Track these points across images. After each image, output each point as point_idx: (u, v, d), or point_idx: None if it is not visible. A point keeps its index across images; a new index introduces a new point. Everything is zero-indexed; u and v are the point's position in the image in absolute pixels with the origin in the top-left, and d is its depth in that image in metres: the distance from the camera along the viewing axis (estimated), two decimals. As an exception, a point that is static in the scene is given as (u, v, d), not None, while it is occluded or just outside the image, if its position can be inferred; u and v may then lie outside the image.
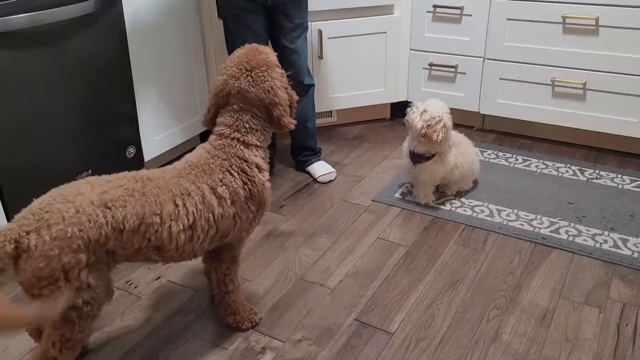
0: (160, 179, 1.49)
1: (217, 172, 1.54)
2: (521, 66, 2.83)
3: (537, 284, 1.96)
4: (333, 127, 3.21)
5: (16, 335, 1.77)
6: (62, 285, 1.32)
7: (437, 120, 2.23)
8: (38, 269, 1.30)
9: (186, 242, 1.49)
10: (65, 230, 1.31)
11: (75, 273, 1.33)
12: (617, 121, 2.71)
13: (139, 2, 2.40)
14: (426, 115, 2.25)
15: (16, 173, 2.05)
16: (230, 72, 1.60)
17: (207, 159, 1.56)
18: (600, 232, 2.20)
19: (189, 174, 1.53)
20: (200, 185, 1.51)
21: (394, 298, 1.91)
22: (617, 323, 1.78)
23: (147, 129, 2.56)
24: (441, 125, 2.22)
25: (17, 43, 1.95)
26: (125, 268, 2.07)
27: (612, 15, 2.56)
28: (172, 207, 1.46)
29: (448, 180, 2.43)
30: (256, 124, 1.60)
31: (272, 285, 1.98)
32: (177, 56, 2.65)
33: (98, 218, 1.35)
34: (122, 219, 1.38)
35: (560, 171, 2.66)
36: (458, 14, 2.89)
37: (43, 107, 2.09)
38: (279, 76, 1.65)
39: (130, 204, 1.40)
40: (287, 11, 2.34)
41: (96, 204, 1.36)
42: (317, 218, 2.37)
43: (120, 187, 1.42)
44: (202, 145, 1.62)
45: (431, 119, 2.23)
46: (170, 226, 1.45)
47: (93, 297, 1.38)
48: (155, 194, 1.44)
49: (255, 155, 1.60)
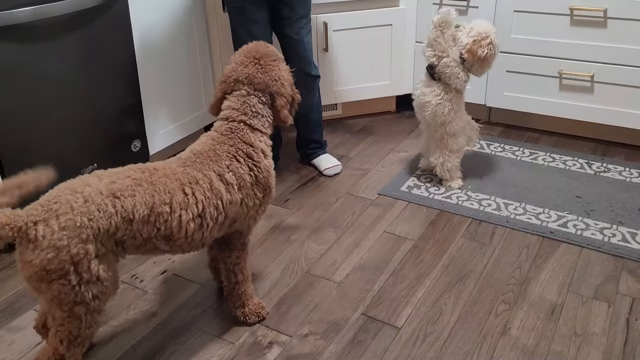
0: (167, 168, 1.49)
1: (223, 158, 1.55)
2: (528, 58, 2.81)
3: (545, 278, 1.94)
4: (338, 119, 3.20)
5: (21, 330, 1.77)
6: (72, 278, 1.31)
7: (485, 36, 2.21)
8: (47, 260, 1.28)
9: (195, 231, 1.49)
10: (74, 220, 1.30)
11: (85, 265, 1.32)
12: (625, 114, 2.68)
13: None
14: (473, 31, 2.22)
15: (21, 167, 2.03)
16: (239, 60, 1.63)
17: (213, 145, 1.56)
18: (609, 226, 2.18)
19: (195, 162, 1.53)
20: (207, 172, 1.51)
21: (401, 292, 1.90)
22: (627, 317, 1.77)
23: (152, 123, 2.55)
24: (487, 42, 2.20)
25: (23, 36, 1.94)
26: (131, 262, 2.07)
27: (620, 7, 2.53)
28: (182, 196, 1.45)
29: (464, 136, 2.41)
30: (262, 109, 1.62)
31: (278, 279, 1.97)
32: (182, 50, 2.63)
33: (107, 207, 1.34)
34: (131, 209, 1.37)
35: (568, 164, 2.64)
36: (465, 5, 2.87)
37: (48, 101, 2.08)
38: (286, 70, 1.68)
39: (139, 193, 1.39)
40: (290, 2, 2.33)
41: (105, 194, 1.35)
42: (323, 212, 2.36)
43: (128, 177, 1.42)
44: (207, 134, 1.62)
45: (478, 35, 2.21)
46: (180, 215, 1.45)
47: (101, 290, 1.37)
48: (164, 183, 1.44)
49: (260, 141, 1.61)
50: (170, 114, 2.66)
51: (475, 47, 2.19)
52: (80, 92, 2.19)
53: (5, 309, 1.86)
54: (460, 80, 2.28)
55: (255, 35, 2.28)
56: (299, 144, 2.73)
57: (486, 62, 2.24)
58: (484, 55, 2.20)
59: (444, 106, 2.29)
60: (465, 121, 2.40)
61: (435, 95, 2.29)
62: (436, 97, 2.29)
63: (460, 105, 2.36)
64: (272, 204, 2.41)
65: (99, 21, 2.19)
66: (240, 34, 2.36)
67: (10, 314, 1.84)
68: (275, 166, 1.67)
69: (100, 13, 2.19)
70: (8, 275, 2.02)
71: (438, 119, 2.32)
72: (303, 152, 2.73)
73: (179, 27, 2.59)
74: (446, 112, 2.29)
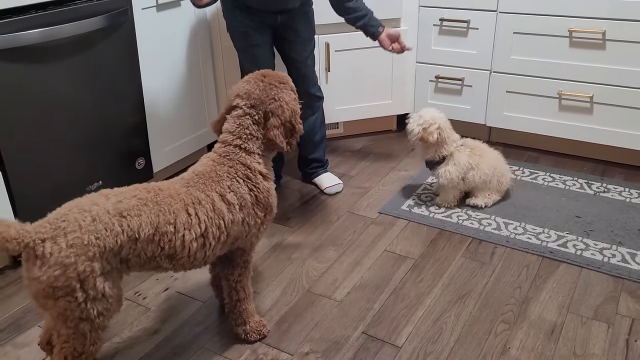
0: (171, 188, 1.51)
1: (225, 179, 1.58)
2: (528, 79, 2.84)
3: (545, 298, 1.95)
4: (339, 138, 3.23)
5: (26, 346, 1.78)
6: (78, 295, 1.33)
7: (431, 123, 2.38)
8: (54, 277, 1.30)
9: (198, 250, 1.52)
10: (81, 238, 1.32)
11: (92, 282, 1.34)
12: (624, 134, 2.71)
13: (150, 17, 2.43)
14: (420, 119, 2.41)
15: (28, 185, 2.06)
16: (245, 79, 1.67)
17: (214, 167, 1.59)
18: (609, 246, 2.20)
19: (198, 182, 1.56)
20: (209, 193, 1.54)
21: (401, 311, 1.91)
22: (626, 338, 1.78)
23: (156, 141, 2.58)
24: (435, 127, 2.38)
25: (30, 57, 1.98)
26: (134, 279, 2.08)
27: (618, 29, 2.57)
28: (185, 216, 1.48)
29: (470, 183, 2.45)
30: (256, 130, 1.63)
31: (279, 297, 1.99)
32: (186, 69, 2.67)
33: (114, 227, 1.37)
34: (137, 228, 1.40)
35: (567, 184, 2.66)
36: (465, 27, 2.91)
37: (54, 120, 2.12)
38: (292, 96, 1.68)
39: (145, 213, 1.42)
40: (294, 26, 2.37)
41: (112, 213, 1.38)
42: (324, 230, 2.38)
43: (134, 197, 1.44)
44: (207, 155, 1.65)
45: (425, 123, 2.39)
46: (183, 235, 1.47)
47: (106, 307, 1.39)
48: (169, 203, 1.47)
49: (258, 163, 1.63)
50: (174, 132, 2.69)
51: (426, 134, 2.38)
52: (86, 111, 2.23)
53: (10, 325, 1.88)
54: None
55: (258, 58, 2.32)
56: (300, 163, 2.76)
57: (439, 145, 2.42)
58: (434, 141, 2.38)
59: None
60: (460, 172, 2.43)
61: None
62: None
63: (456, 158, 2.44)
64: (274, 222, 2.43)
65: (105, 42, 2.23)
66: (242, 58, 2.40)
67: (15, 330, 1.86)
68: (277, 184, 1.69)
69: (107, 34, 2.23)
70: (13, 291, 2.04)
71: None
72: (304, 171, 2.76)
73: (183, 47, 2.63)
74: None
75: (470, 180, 2.43)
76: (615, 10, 2.55)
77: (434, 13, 2.96)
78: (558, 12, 2.67)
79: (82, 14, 2.10)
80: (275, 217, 2.45)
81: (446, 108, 3.09)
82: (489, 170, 2.43)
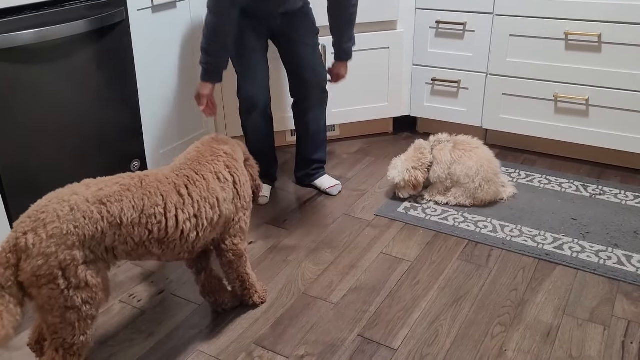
0: (159, 174, 1.57)
1: (220, 157, 1.70)
2: (524, 82, 2.85)
3: (541, 300, 1.95)
4: (336, 141, 3.22)
5: (19, 350, 1.76)
6: (60, 282, 1.36)
7: (408, 168, 2.51)
8: (37, 267, 1.33)
9: (191, 230, 1.56)
10: (61, 228, 1.35)
11: (73, 270, 1.37)
12: (620, 137, 2.71)
13: (145, 18, 2.42)
14: (400, 168, 2.53)
15: (21, 187, 2.05)
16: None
17: (206, 150, 1.70)
18: (604, 249, 2.20)
19: (192, 164, 1.64)
20: (204, 173, 1.62)
21: (397, 314, 1.90)
22: (622, 340, 1.77)
23: (151, 143, 2.57)
24: (410, 186, 2.51)
25: (25, 58, 1.97)
26: (129, 281, 2.07)
27: (614, 32, 2.58)
28: (177, 197, 1.53)
29: (454, 177, 2.48)
30: None
31: (275, 300, 1.98)
32: (181, 71, 2.67)
33: (93, 214, 1.40)
34: (118, 213, 1.43)
35: (564, 187, 2.66)
36: (461, 30, 2.91)
37: (49, 121, 2.10)
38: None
39: (127, 198, 1.45)
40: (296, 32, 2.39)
41: (91, 202, 1.41)
42: (320, 232, 2.37)
43: (116, 184, 1.48)
44: (195, 143, 1.76)
45: (404, 171, 2.51)
46: (176, 215, 1.52)
47: (91, 296, 1.41)
48: (155, 187, 1.51)
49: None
50: (169, 134, 2.68)
51: (413, 179, 2.49)
52: (80, 113, 2.22)
53: (2, 328, 1.86)
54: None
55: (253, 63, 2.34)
56: (300, 165, 2.70)
57: (421, 184, 2.54)
58: (425, 177, 2.51)
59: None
60: (469, 169, 2.46)
61: None
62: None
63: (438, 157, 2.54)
64: (270, 224, 2.42)
65: (100, 43, 2.22)
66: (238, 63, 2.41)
67: (6, 333, 1.84)
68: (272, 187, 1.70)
69: (102, 36, 2.22)
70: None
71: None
72: (305, 172, 2.70)
73: (178, 48, 2.62)
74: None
75: (453, 174, 2.48)
76: (611, 13, 2.55)
77: (431, 15, 2.97)
78: (554, 14, 2.68)
79: (76, 15, 2.10)
80: (271, 219, 2.46)
81: (442, 110, 3.10)
82: (474, 164, 2.43)
